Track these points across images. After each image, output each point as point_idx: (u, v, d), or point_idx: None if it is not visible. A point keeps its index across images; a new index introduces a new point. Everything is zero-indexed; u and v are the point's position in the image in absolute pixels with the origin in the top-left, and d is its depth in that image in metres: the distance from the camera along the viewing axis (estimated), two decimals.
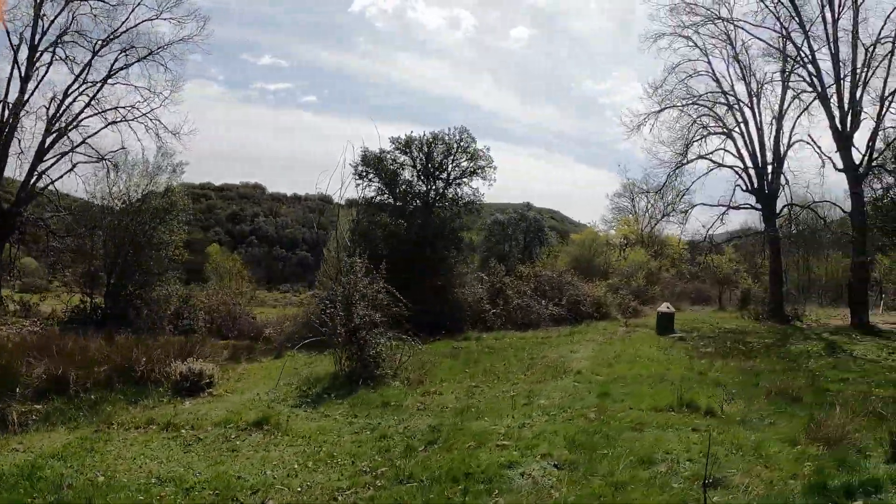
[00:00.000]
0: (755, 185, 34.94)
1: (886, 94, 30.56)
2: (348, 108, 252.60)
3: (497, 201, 75.03)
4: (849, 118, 30.67)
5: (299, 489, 9.47)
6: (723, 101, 35.94)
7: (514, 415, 13.60)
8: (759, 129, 35.51)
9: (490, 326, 31.80)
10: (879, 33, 30.49)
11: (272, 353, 24.99)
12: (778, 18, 32.47)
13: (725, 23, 33.91)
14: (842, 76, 31.09)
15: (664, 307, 28.69)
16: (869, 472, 9.21)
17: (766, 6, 32.69)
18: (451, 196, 36.57)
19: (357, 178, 34.64)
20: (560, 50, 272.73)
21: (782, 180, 35.15)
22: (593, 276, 45.35)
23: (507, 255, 53.92)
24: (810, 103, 33.65)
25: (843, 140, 30.57)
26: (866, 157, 30.92)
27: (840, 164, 31.36)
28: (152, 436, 12.74)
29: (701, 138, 36.44)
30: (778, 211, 35.62)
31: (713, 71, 35.61)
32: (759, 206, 35.55)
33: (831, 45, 31.12)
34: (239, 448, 11.78)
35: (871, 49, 30.44)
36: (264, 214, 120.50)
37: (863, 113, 31.01)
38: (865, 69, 30.80)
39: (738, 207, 36.43)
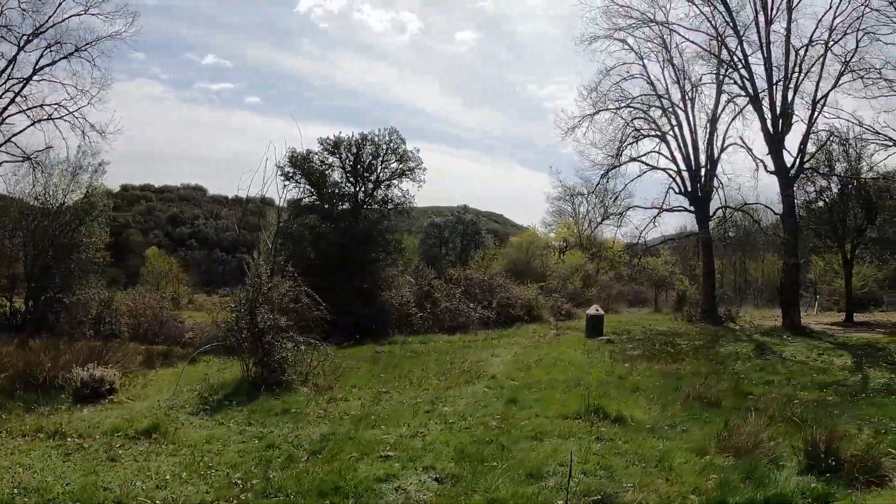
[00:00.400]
0: (688, 188, 34.40)
1: (818, 97, 30.20)
2: (292, 111, 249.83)
3: (439, 204, 74.38)
4: (780, 121, 30.17)
5: (160, 502, 8.80)
6: (657, 104, 35.53)
7: (412, 423, 12.76)
8: (693, 133, 35.15)
9: (417, 330, 30.83)
10: (811, 36, 30.34)
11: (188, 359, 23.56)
12: (712, 23, 32.06)
13: (661, 26, 33.39)
14: (774, 80, 30.72)
15: (593, 310, 27.99)
16: (778, 486, 8.36)
17: (701, 11, 32.28)
18: (380, 198, 35.84)
19: (284, 179, 33.70)
20: (505, 54, 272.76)
21: (716, 183, 34.81)
22: (530, 278, 44.65)
23: (443, 258, 52.70)
24: (744, 107, 33.31)
25: (775, 143, 30.14)
26: (798, 160, 30.52)
27: (772, 167, 30.80)
28: (37, 444, 12.04)
29: (634, 141, 36.01)
30: (711, 213, 35.06)
31: (647, 74, 35.21)
32: (692, 208, 34.89)
33: (764, 49, 30.76)
34: (120, 457, 11.07)
35: (801, 52, 30.26)
36: (205, 217, 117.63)
37: (794, 116, 30.74)
38: (797, 72, 30.48)
39: (671, 210, 35.93)
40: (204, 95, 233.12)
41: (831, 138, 32.41)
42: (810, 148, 31.99)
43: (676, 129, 35.17)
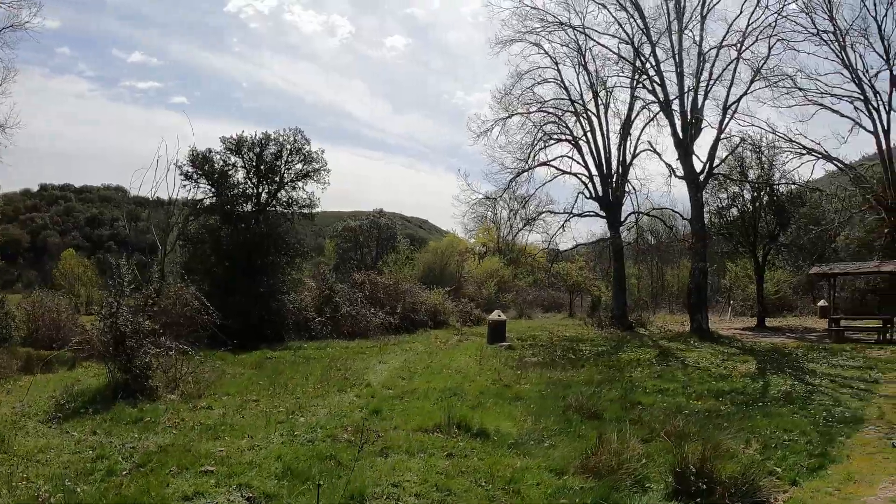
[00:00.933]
0: (600, 193, 33.18)
1: (730, 102, 29.47)
2: (218, 111, 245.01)
3: (364, 209, 72.40)
4: (690, 126, 29.27)
5: None
6: (570, 109, 34.31)
7: (257, 435, 11.43)
8: (606, 138, 34.16)
9: (316, 335, 29.21)
10: (722, 40, 29.69)
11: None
12: (626, 29, 31.07)
13: (576, 31, 32.20)
14: (686, 86, 29.91)
15: (495, 315, 26.61)
16: None
17: (615, 17, 31.28)
18: (284, 199, 33.74)
19: (184, 179, 31.64)
20: (435, 60, 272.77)
21: (628, 188, 33.81)
22: (445, 283, 43.53)
23: (357, 263, 50.77)
24: (657, 113, 32.61)
25: (684, 148, 29.17)
26: (707, 166, 29.67)
27: (683, 172, 29.82)
28: None
29: (545, 146, 34.89)
30: (623, 219, 34.01)
31: (562, 79, 34.05)
32: (603, 213, 33.73)
33: (676, 55, 29.95)
34: None
35: (712, 57, 29.63)
36: (125, 219, 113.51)
37: (705, 122, 30.00)
38: (708, 78, 29.75)
39: (581, 215, 34.68)
40: (130, 94, 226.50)
41: (743, 145, 31.83)
42: (723, 154, 31.50)
43: (589, 134, 34.11)
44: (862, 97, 31.96)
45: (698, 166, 29.58)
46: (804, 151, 32.05)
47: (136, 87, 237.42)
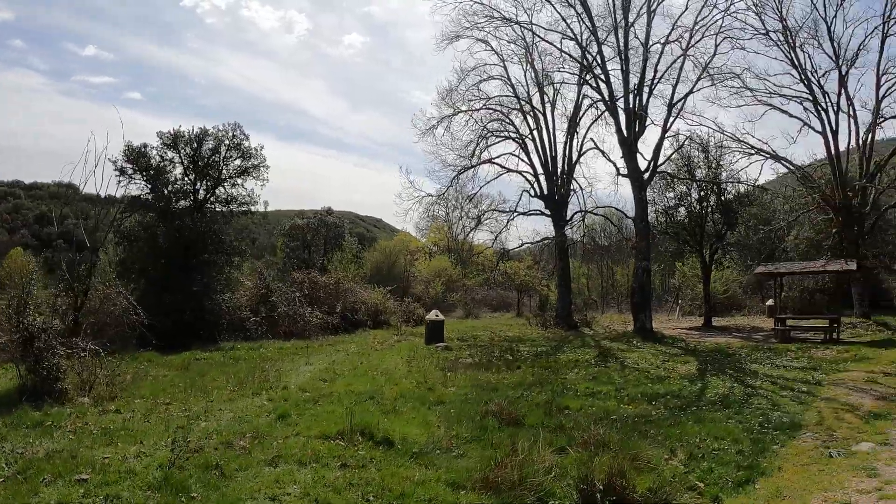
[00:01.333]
0: (545, 191, 32.20)
1: (675, 100, 28.69)
2: (173, 107, 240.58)
3: (315, 207, 70.75)
4: (635, 123, 28.45)
5: None
6: (517, 106, 33.19)
7: (151, 440, 10.63)
8: (553, 136, 33.33)
9: (251, 336, 28.18)
10: (667, 36, 28.99)
11: None
12: (570, 25, 30.05)
13: (523, 28, 31.07)
14: (632, 83, 29.04)
15: (433, 315, 25.52)
16: None
17: (561, 15, 30.41)
18: (223, 196, 32.75)
19: (119, 174, 30.32)
20: (392, 59, 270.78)
21: (574, 186, 32.78)
22: (393, 283, 42.58)
23: (306, 261, 49.27)
24: (605, 111, 31.74)
25: (628, 146, 28.31)
26: (651, 164, 28.77)
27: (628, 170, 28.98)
28: None
29: (489, 144, 33.86)
30: (569, 217, 33.03)
31: (508, 76, 33.02)
32: (548, 211, 32.72)
33: (622, 51, 29.02)
34: None
35: (654, 52, 28.97)
36: (74, 216, 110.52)
37: (649, 120, 29.24)
38: (653, 75, 29.04)
39: (526, 213, 33.80)
40: (83, 88, 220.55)
41: (691, 144, 31.25)
42: (669, 152, 30.96)
43: (536, 132, 33.25)
44: (811, 98, 31.57)
45: (643, 165, 28.79)
46: (753, 151, 31.52)
47: (90, 82, 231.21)
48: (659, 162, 28.33)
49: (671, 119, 28.63)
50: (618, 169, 29.43)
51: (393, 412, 12.38)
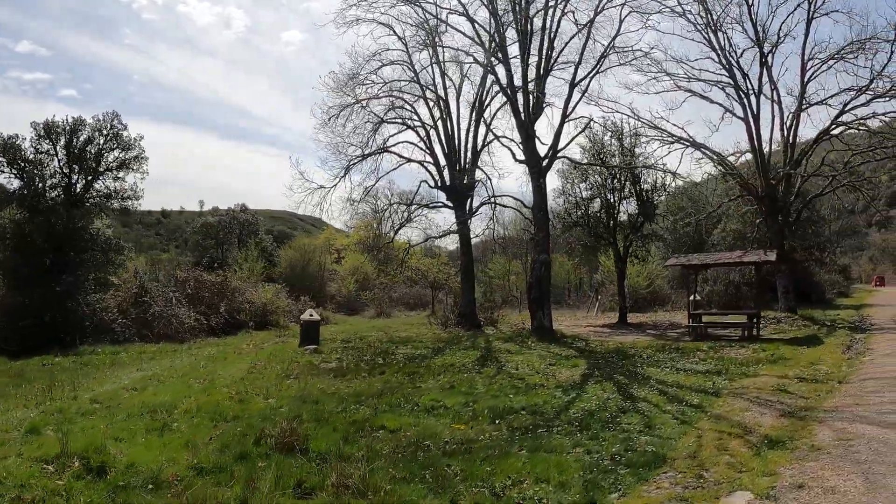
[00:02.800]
0: (448, 182, 28.38)
1: (577, 79, 25.04)
2: (110, 105, 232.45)
3: (254, 206, 66.52)
4: (531, 106, 24.64)
5: None
6: (420, 93, 29.32)
7: None
8: (457, 124, 29.53)
9: (119, 338, 24.80)
10: (563, 9, 24.97)
11: None
12: (467, 9, 25.92)
13: (426, 11, 26.84)
14: (529, 62, 25.11)
15: (307, 315, 22.11)
16: None
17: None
18: (103, 191, 29.80)
19: None
20: (331, 56, 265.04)
21: (481, 176, 29.13)
22: (308, 281, 39.11)
23: (219, 260, 45.21)
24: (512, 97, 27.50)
25: (525, 130, 24.51)
26: (551, 150, 24.83)
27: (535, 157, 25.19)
28: None
29: (395, 133, 29.74)
30: (475, 209, 29.35)
31: (411, 62, 28.76)
32: (450, 203, 28.93)
33: (521, 30, 24.85)
34: None
35: (554, 30, 24.86)
36: None
37: (547, 101, 25.26)
38: (550, 52, 24.97)
39: (428, 205, 30.09)
40: (17, 85, 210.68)
41: (603, 131, 27.82)
42: (580, 139, 27.74)
43: (441, 121, 29.28)
44: (732, 83, 28.37)
45: (545, 151, 24.95)
46: (672, 139, 28.22)
47: (23, 79, 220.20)
48: (559, 147, 24.59)
49: (574, 101, 24.91)
50: (513, 154, 25.92)
51: (167, 430, 10.02)
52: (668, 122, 28.25)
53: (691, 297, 31.50)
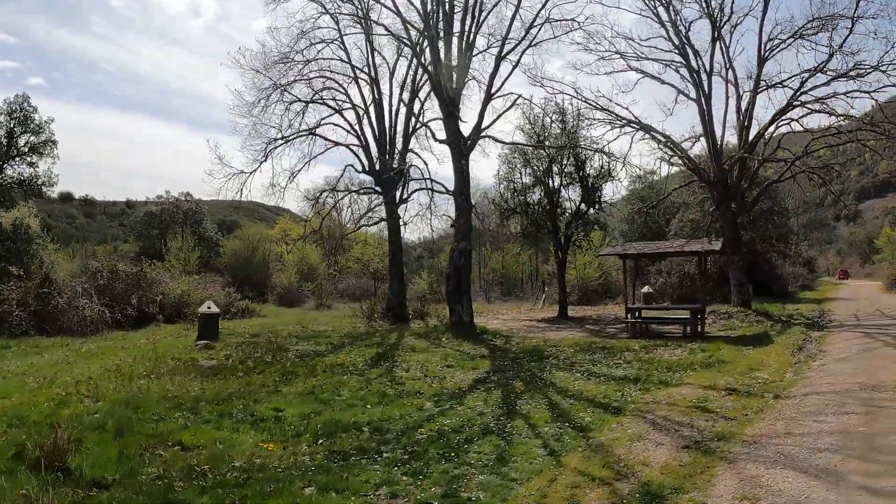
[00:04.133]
0: (377, 167, 25.24)
1: (504, 53, 22.05)
2: (79, 94, 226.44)
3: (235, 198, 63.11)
4: (453, 81, 21.52)
5: None
6: (351, 74, 26.09)
7: None
8: (384, 106, 26.34)
9: (15, 332, 21.70)
10: None
11: None
12: None
13: None
14: (452, 34, 21.95)
15: (205, 307, 19.26)
16: None
17: None
18: (13, 178, 26.34)
19: None
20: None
21: (418, 163, 26.00)
22: (254, 272, 37.27)
23: (164, 251, 41.98)
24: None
25: (446, 106, 21.39)
26: (474, 130, 21.75)
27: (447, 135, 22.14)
28: None
29: (326, 116, 26.30)
30: (406, 196, 26.14)
31: (343, 42, 25.50)
32: (379, 188, 25.80)
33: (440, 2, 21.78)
34: None
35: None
36: None
37: (470, 76, 22.46)
38: (471, 21, 21.85)
39: (358, 191, 27.09)
40: None
41: (544, 113, 24.83)
42: (515, 119, 25.01)
43: (373, 104, 26.08)
44: (684, 62, 25.42)
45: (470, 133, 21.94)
46: (621, 122, 25.30)
47: None
48: (484, 125, 21.53)
49: (502, 77, 22.44)
50: (433, 133, 22.97)
51: None
52: (618, 105, 25.43)
53: (644, 290, 28.75)
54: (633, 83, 29.72)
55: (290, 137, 24.71)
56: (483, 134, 21.40)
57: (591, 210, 25.68)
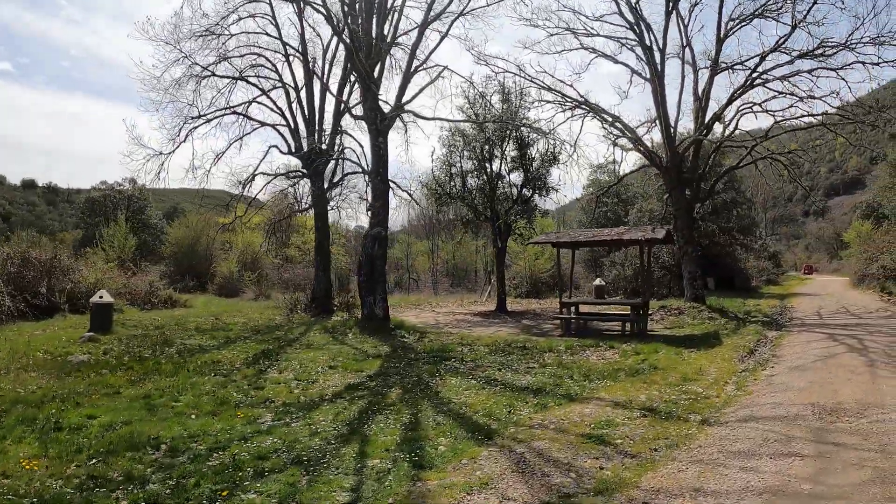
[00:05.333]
0: (304, 148, 22.37)
1: (429, 20, 18.93)
2: (48, 80, 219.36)
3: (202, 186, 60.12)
4: (370, 54, 18.45)
5: None
6: (282, 51, 22.97)
7: None
8: (314, 85, 23.44)
9: None
10: None
11: None
12: None
13: None
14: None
15: (97, 297, 16.86)
16: None
17: None
18: None
19: None
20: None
21: (346, 143, 23.13)
22: (195, 261, 35.37)
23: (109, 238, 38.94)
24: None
25: (363, 78, 18.30)
26: (395, 104, 18.40)
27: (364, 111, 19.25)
28: None
29: (256, 96, 23.00)
30: (338, 180, 23.38)
31: (274, 15, 22.47)
32: (305, 171, 22.96)
33: None
34: None
35: None
36: None
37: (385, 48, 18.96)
38: None
39: (287, 174, 24.37)
40: None
41: (484, 92, 22.03)
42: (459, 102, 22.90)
43: (305, 86, 23.19)
44: (638, 40, 22.63)
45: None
46: (572, 104, 22.59)
47: None
48: (405, 99, 18.66)
49: (428, 47, 19.89)
50: (348, 108, 20.14)
51: None
52: (568, 86, 22.73)
53: (596, 282, 26.18)
54: (587, 65, 26.93)
55: (210, 116, 21.85)
56: (406, 109, 18.48)
57: (537, 196, 22.96)
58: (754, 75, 21.41)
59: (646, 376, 10.36)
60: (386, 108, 18.14)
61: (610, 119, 22.44)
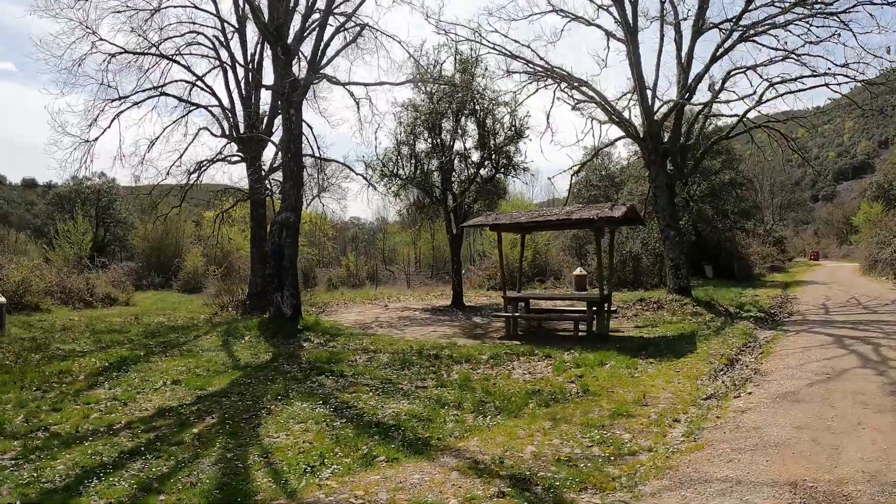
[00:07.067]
0: (241, 130, 19.53)
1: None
2: (52, 78, 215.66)
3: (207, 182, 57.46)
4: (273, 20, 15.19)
5: None
6: (218, 26, 20.03)
7: None
8: (257, 63, 20.25)
9: None
10: None
11: None
12: None
13: None
14: None
15: None
16: None
17: None
18: None
19: None
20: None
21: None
22: (164, 256, 33.40)
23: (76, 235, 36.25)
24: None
25: (272, 42, 15.03)
26: (308, 67, 15.19)
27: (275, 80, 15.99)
28: None
29: (203, 76, 19.94)
30: (276, 164, 20.12)
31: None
32: (241, 154, 20.00)
33: None
34: None
35: None
36: None
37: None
38: None
39: (226, 159, 20.55)
40: None
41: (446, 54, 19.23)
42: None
43: (245, 60, 20.12)
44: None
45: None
46: (540, 72, 19.17)
47: None
48: (321, 63, 15.41)
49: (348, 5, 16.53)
50: (258, 80, 16.94)
51: None
52: (534, 52, 19.30)
53: (577, 272, 22.87)
54: (560, 31, 23.39)
55: (138, 99, 18.71)
56: (320, 73, 15.18)
57: (500, 176, 19.60)
58: (740, 25, 17.90)
59: (564, 407, 7.05)
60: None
61: (576, 84, 18.93)
